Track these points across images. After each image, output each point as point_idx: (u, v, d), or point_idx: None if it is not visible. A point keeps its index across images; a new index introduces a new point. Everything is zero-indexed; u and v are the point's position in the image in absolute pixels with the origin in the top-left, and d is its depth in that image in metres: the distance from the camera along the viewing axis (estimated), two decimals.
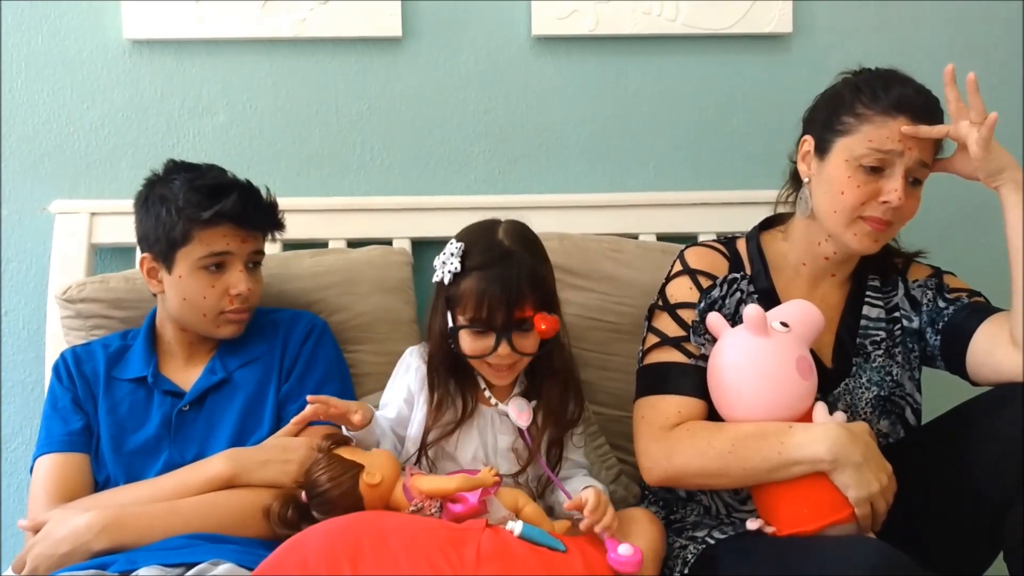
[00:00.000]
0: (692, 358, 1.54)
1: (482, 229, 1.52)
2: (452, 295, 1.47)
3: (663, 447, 1.49)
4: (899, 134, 1.48)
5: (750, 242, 1.65)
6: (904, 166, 1.49)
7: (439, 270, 1.48)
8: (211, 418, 1.63)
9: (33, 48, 2.05)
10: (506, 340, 1.45)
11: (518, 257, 1.46)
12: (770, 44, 2.16)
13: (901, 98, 1.50)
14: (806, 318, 1.49)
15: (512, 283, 1.44)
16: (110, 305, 1.82)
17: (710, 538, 1.53)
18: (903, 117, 1.49)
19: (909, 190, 1.50)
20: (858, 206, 1.50)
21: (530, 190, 2.13)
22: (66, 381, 1.66)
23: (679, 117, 2.16)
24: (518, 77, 2.13)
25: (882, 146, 1.48)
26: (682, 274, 1.61)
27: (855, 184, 1.50)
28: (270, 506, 1.45)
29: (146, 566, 1.36)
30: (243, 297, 1.62)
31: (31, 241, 2.06)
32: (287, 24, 2.06)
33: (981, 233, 2.18)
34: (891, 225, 1.52)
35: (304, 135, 2.11)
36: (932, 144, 1.51)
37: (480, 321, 1.45)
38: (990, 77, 2.21)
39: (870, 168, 1.49)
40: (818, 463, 1.38)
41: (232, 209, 1.59)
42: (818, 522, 1.39)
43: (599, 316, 1.91)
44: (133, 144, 2.07)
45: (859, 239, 1.52)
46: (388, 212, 2.06)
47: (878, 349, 1.59)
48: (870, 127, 1.50)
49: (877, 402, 1.57)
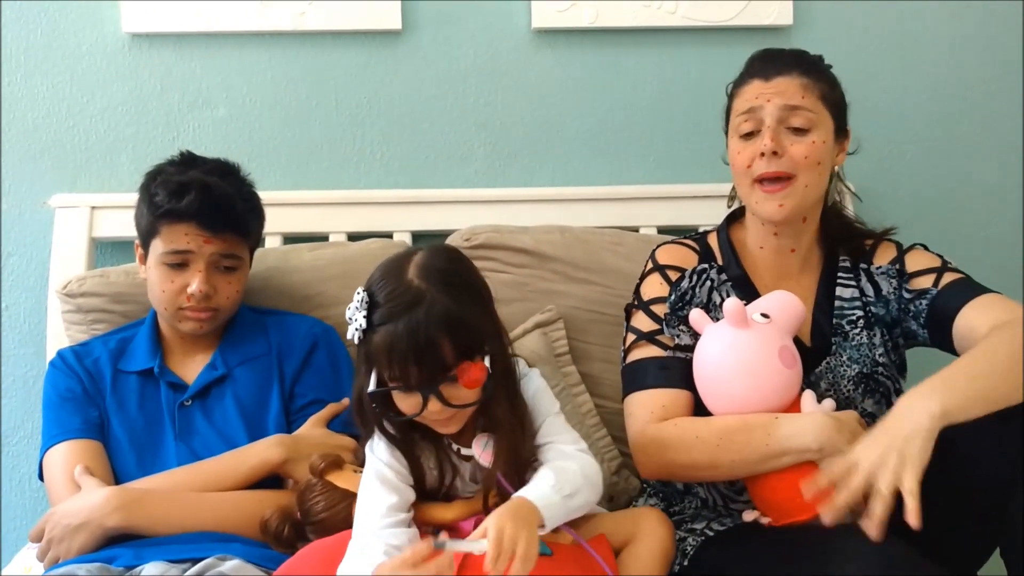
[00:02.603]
0: (668, 350, 1.56)
1: (391, 269, 1.31)
2: (368, 352, 1.28)
3: (655, 440, 1.50)
4: (755, 92, 1.54)
5: (720, 233, 1.68)
6: (771, 116, 1.52)
7: (349, 326, 1.28)
8: (213, 413, 1.63)
9: (32, 42, 2.05)
10: (434, 396, 1.26)
11: (428, 300, 1.25)
12: (770, 37, 2.14)
13: (751, 66, 1.60)
14: (787, 308, 1.50)
15: (420, 334, 1.23)
16: (110, 299, 1.81)
17: (709, 530, 1.53)
18: (755, 80, 1.56)
19: (791, 138, 1.52)
20: (745, 169, 1.55)
21: (530, 183, 2.13)
22: (72, 373, 1.65)
23: (679, 110, 2.16)
24: (518, 70, 2.13)
25: (741, 108, 1.56)
26: (653, 271, 1.64)
27: (736, 152, 1.56)
28: (267, 521, 1.44)
29: (152, 561, 1.36)
30: (198, 297, 1.59)
31: (31, 235, 2.06)
32: (287, 17, 2.06)
33: (981, 225, 2.20)
34: (785, 182, 1.52)
35: (304, 128, 2.10)
36: (797, 83, 1.54)
37: (396, 379, 1.27)
38: (990, 70, 2.22)
39: (747, 134, 1.55)
40: (806, 453, 1.39)
41: (187, 208, 1.57)
42: (811, 511, 1.39)
43: (601, 309, 1.91)
44: (133, 138, 2.07)
45: (762, 206, 1.54)
46: (388, 205, 2.05)
47: (855, 328, 1.59)
48: (736, 100, 1.59)
49: (859, 379, 1.57)
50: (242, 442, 1.58)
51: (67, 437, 1.59)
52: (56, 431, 1.61)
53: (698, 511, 1.60)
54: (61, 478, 1.55)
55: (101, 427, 1.62)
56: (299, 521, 1.43)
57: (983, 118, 2.21)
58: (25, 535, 1.59)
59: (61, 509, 1.46)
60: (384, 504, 1.29)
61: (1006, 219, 2.23)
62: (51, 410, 1.64)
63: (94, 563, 1.38)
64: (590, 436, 1.83)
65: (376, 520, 1.28)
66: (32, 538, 1.49)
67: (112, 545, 1.43)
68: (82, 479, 1.52)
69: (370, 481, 1.32)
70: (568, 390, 1.85)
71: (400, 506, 1.30)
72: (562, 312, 1.90)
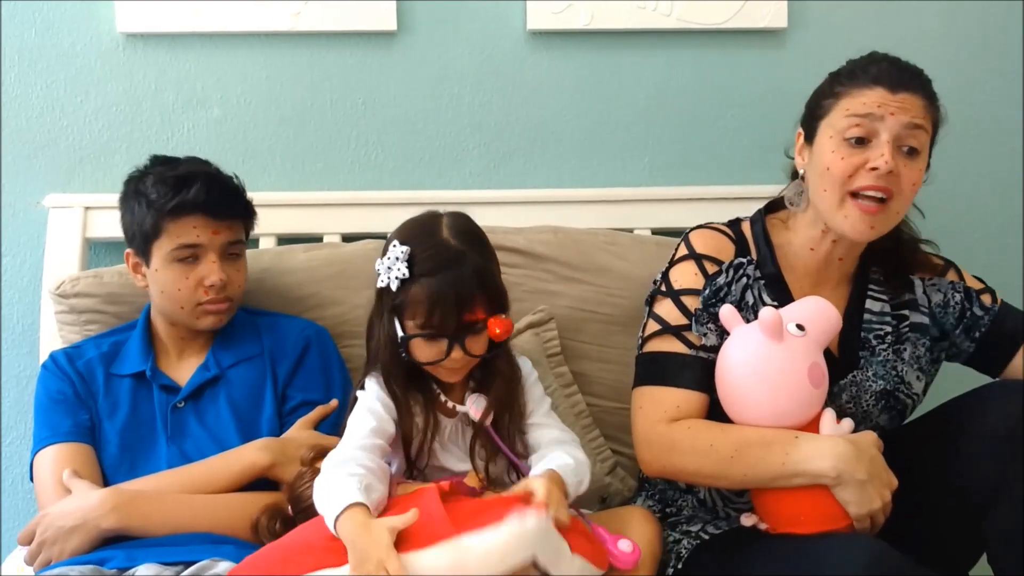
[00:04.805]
0: (693, 348, 1.51)
1: (424, 228, 1.43)
2: (399, 302, 1.40)
3: (664, 441, 1.47)
4: (878, 101, 1.44)
5: (755, 225, 1.61)
6: (890, 131, 1.44)
7: (383, 275, 1.39)
8: (206, 415, 1.63)
9: (26, 42, 2.04)
10: (459, 345, 1.39)
11: (468, 258, 1.38)
12: (765, 39, 2.16)
13: (877, 71, 1.47)
14: (823, 319, 1.44)
15: (464, 288, 1.37)
16: (104, 300, 1.81)
17: (704, 533, 1.53)
18: (879, 88, 1.46)
19: (904, 159, 1.45)
20: (845, 179, 1.45)
21: (524, 185, 2.13)
22: (64, 376, 1.65)
23: (674, 112, 2.16)
24: (513, 71, 2.13)
25: (859, 111, 1.45)
26: (687, 258, 1.56)
27: (839, 157, 1.46)
28: (258, 519, 1.45)
29: (145, 563, 1.36)
30: (217, 287, 1.61)
31: (25, 235, 2.05)
32: (282, 18, 2.05)
33: (980, 227, 2.21)
34: (884, 203, 1.45)
35: (298, 129, 2.10)
36: (921, 104, 1.47)
37: (431, 327, 1.38)
38: (987, 72, 2.22)
39: (855, 140, 1.45)
40: (821, 478, 1.36)
41: (195, 198, 1.58)
42: (814, 528, 1.39)
43: (594, 308, 1.91)
44: (127, 138, 2.07)
45: (851, 223, 1.46)
46: (383, 206, 2.05)
47: (882, 343, 1.55)
48: (847, 99, 1.48)
49: (882, 395, 1.54)
50: (234, 444, 1.57)
51: (56, 440, 1.59)
52: (46, 434, 1.60)
53: (694, 513, 1.59)
54: (50, 481, 1.54)
55: (92, 430, 1.61)
56: (289, 516, 1.43)
57: (980, 120, 2.21)
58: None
59: (54, 511, 1.46)
60: (368, 427, 1.39)
61: (1006, 220, 2.24)
62: (42, 412, 1.64)
63: (87, 565, 1.37)
64: (583, 437, 1.83)
65: (358, 439, 1.37)
66: (21, 541, 1.48)
67: (104, 547, 1.43)
68: (71, 482, 1.51)
69: (360, 411, 1.42)
70: (561, 391, 1.85)
71: (381, 433, 1.39)
72: (556, 312, 1.90)
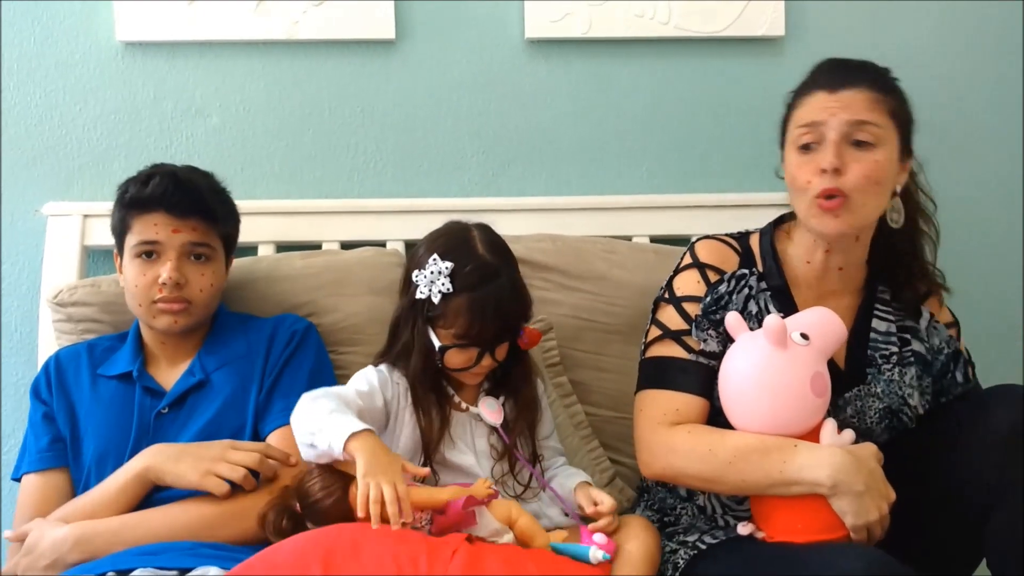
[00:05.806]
0: (692, 353, 1.53)
1: (461, 242, 1.51)
2: (437, 313, 1.48)
3: (664, 443, 1.49)
4: (820, 105, 1.48)
5: (763, 238, 1.63)
6: (835, 131, 1.46)
7: (423, 287, 1.48)
8: (189, 420, 1.62)
9: (25, 50, 2.05)
10: (489, 353, 1.49)
11: (504, 273, 1.49)
12: (762, 47, 2.16)
13: (818, 76, 1.53)
14: (828, 330, 1.45)
15: (503, 302, 1.47)
16: (101, 309, 1.81)
17: (701, 543, 1.52)
18: (820, 92, 1.50)
19: (854, 153, 1.47)
20: (805, 185, 1.49)
21: (523, 192, 2.13)
22: (43, 393, 1.67)
23: (672, 120, 2.16)
24: (511, 79, 2.13)
25: (803, 120, 1.50)
26: (691, 267, 1.59)
27: (796, 166, 1.51)
28: (265, 515, 1.44)
29: (140, 568, 1.36)
30: (169, 285, 1.60)
31: (24, 243, 2.05)
32: (280, 26, 2.06)
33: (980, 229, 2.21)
34: (843, 199, 1.46)
35: (297, 137, 2.11)
36: (866, 97, 1.48)
37: (468, 337, 1.47)
38: (985, 76, 2.23)
39: (806, 146, 1.50)
40: (817, 487, 1.37)
41: (152, 192, 1.60)
42: (810, 537, 1.39)
43: (592, 317, 1.91)
44: (126, 146, 2.07)
45: (818, 221, 1.49)
46: (381, 214, 2.06)
47: (887, 363, 1.56)
48: (797, 111, 1.53)
49: (886, 414, 1.55)
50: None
51: (29, 469, 1.63)
52: (30, 454, 1.64)
53: (692, 522, 1.59)
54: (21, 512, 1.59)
55: (62, 447, 1.63)
56: (296, 511, 1.44)
57: (978, 125, 2.22)
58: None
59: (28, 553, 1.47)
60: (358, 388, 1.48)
61: (1006, 222, 2.24)
62: (30, 424, 1.68)
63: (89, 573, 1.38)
64: (583, 447, 1.83)
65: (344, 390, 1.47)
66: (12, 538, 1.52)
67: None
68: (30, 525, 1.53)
69: (359, 376, 1.52)
70: (560, 401, 1.84)
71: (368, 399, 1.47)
72: (554, 320, 1.90)
